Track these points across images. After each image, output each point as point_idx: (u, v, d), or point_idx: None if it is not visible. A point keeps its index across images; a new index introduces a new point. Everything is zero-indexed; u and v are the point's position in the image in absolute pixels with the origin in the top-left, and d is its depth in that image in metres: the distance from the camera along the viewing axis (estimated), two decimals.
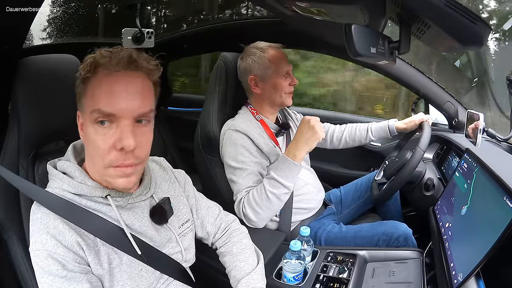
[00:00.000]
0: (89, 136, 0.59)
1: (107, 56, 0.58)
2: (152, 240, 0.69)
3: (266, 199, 1.01)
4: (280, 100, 1.15)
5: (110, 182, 0.62)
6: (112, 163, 0.59)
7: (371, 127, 1.32)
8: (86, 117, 0.60)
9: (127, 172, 0.60)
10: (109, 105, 0.57)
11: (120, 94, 0.58)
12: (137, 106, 0.59)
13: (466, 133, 1.11)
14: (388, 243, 1.03)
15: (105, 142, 0.58)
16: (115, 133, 0.58)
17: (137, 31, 1.31)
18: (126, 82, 0.58)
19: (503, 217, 0.59)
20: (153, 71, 0.62)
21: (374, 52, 0.59)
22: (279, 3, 0.76)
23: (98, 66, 0.58)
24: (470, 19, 0.51)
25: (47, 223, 0.59)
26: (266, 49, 1.12)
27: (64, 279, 0.57)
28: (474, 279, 0.62)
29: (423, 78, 1.36)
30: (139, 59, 0.60)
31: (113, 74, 0.58)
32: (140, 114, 0.59)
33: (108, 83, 0.58)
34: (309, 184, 1.20)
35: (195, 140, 1.21)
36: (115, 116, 0.58)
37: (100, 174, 0.63)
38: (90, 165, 0.65)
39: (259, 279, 0.75)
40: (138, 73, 0.60)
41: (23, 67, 0.73)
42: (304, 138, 1.00)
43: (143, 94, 0.60)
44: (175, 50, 1.79)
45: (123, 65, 0.58)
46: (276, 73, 1.11)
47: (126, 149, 0.58)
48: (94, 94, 0.58)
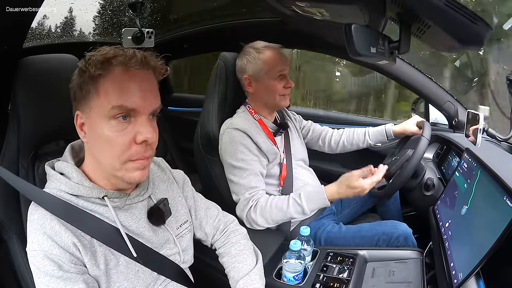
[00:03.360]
0: (103, 134, 0.59)
1: (121, 54, 0.59)
2: (150, 241, 0.69)
3: (282, 216, 1.04)
4: (273, 102, 1.15)
5: (124, 177, 0.62)
6: (132, 157, 0.60)
7: (368, 131, 1.34)
8: (97, 115, 0.60)
9: (144, 164, 0.62)
10: (130, 101, 0.59)
11: (138, 91, 0.59)
12: (153, 102, 0.62)
13: (466, 133, 1.11)
14: (388, 243, 1.03)
15: (124, 137, 0.59)
16: (133, 128, 0.60)
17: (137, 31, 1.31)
18: (140, 79, 0.60)
19: (503, 217, 0.59)
20: (161, 70, 0.64)
21: (374, 52, 0.59)
22: (279, 3, 0.76)
23: (111, 63, 0.59)
24: (470, 19, 0.51)
25: (44, 224, 0.59)
26: (262, 50, 1.12)
27: (60, 280, 0.57)
28: (474, 279, 0.62)
29: (423, 78, 1.36)
30: (150, 58, 0.62)
31: (130, 71, 0.59)
32: (154, 109, 0.62)
33: (125, 80, 0.59)
34: (308, 184, 1.20)
35: (195, 140, 1.21)
36: (135, 111, 0.59)
37: (111, 171, 0.62)
38: (92, 165, 0.65)
39: (257, 279, 0.75)
40: (149, 71, 0.62)
41: (23, 67, 0.73)
42: (351, 191, 1.02)
43: (155, 91, 0.63)
44: (175, 50, 1.79)
45: (140, 63, 0.60)
46: (268, 74, 1.11)
47: (148, 141, 0.60)
48: (109, 91, 0.58)
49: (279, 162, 1.16)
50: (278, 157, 1.15)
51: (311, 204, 1.03)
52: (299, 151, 1.27)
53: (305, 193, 1.05)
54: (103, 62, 0.58)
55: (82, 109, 0.62)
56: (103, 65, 0.58)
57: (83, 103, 0.61)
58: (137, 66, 0.60)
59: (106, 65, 0.58)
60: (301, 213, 1.04)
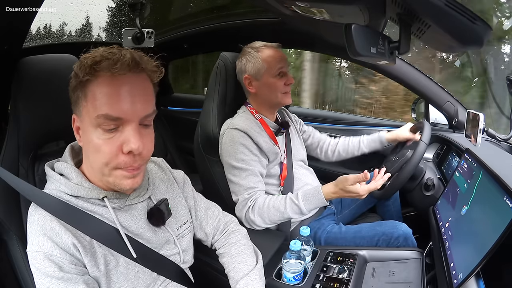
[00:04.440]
0: (92, 141, 0.58)
1: (109, 57, 0.56)
2: (149, 242, 0.69)
3: (279, 217, 1.04)
4: (276, 100, 1.15)
5: (114, 184, 0.61)
6: (119, 166, 0.59)
7: (363, 140, 1.35)
8: (87, 121, 0.58)
9: (135, 173, 0.61)
10: (115, 109, 0.56)
11: (125, 98, 0.56)
12: (142, 108, 0.58)
13: (466, 133, 1.11)
14: (388, 243, 1.03)
15: (111, 146, 0.57)
16: (120, 137, 0.58)
17: (137, 31, 1.31)
18: (130, 84, 0.57)
19: (503, 217, 0.59)
20: (155, 72, 0.62)
21: (374, 52, 0.59)
22: (279, 3, 0.76)
23: (99, 68, 0.56)
24: (470, 19, 0.51)
25: (44, 225, 0.59)
26: (260, 49, 1.12)
27: (61, 281, 0.57)
28: (474, 279, 0.62)
29: (423, 78, 1.36)
30: (141, 60, 0.59)
31: (117, 76, 0.56)
32: (145, 116, 0.59)
33: (112, 86, 0.56)
34: (308, 184, 1.20)
35: (195, 140, 1.21)
36: (122, 119, 0.57)
37: (102, 176, 0.61)
38: (88, 167, 0.65)
39: (257, 279, 0.75)
40: (140, 75, 0.59)
41: (23, 67, 0.73)
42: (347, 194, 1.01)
43: (146, 96, 0.60)
44: (175, 50, 1.79)
45: (126, 67, 0.56)
46: (268, 72, 1.11)
47: (134, 152, 0.57)
48: (96, 98, 0.56)
49: (280, 161, 1.16)
50: (278, 157, 1.15)
51: (308, 203, 1.03)
52: (299, 152, 1.27)
53: (302, 193, 1.05)
54: (90, 66, 0.56)
55: (77, 113, 0.61)
56: (91, 70, 0.56)
57: (76, 107, 0.60)
58: (124, 70, 0.56)
59: (93, 70, 0.56)
60: (299, 213, 1.04)
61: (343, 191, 1.01)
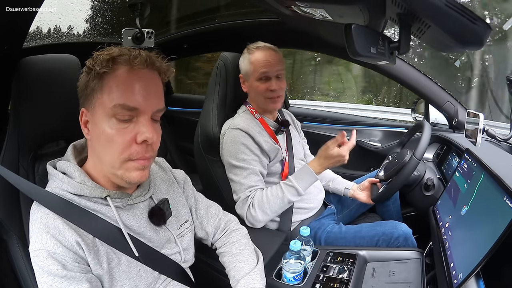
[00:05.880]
0: (104, 132, 0.60)
1: (127, 53, 0.60)
2: (151, 241, 0.69)
3: (280, 203, 1.06)
4: (262, 104, 1.14)
5: (123, 177, 0.62)
6: (132, 156, 0.60)
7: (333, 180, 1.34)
8: (100, 113, 0.60)
9: (145, 165, 0.62)
10: (132, 100, 0.59)
11: (141, 91, 0.60)
12: (156, 102, 0.62)
13: (466, 133, 1.11)
14: (388, 243, 1.03)
15: (124, 136, 0.59)
16: (134, 127, 0.60)
17: (137, 31, 1.31)
18: (146, 79, 0.61)
19: (503, 217, 0.59)
20: (167, 71, 0.65)
21: (374, 52, 0.59)
22: (279, 3, 0.76)
23: (117, 62, 0.59)
24: (470, 19, 0.51)
25: (47, 223, 0.59)
26: (252, 50, 1.12)
27: (64, 279, 0.57)
28: (474, 279, 0.62)
29: (423, 78, 1.37)
30: (155, 59, 0.63)
31: (135, 70, 0.60)
32: (157, 110, 0.62)
33: (130, 78, 0.59)
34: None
35: (195, 140, 1.21)
36: (138, 110, 0.60)
37: (111, 169, 0.62)
38: (94, 164, 0.65)
39: (258, 279, 0.75)
40: (154, 72, 0.63)
41: (23, 67, 0.73)
42: (331, 161, 1.06)
43: (159, 92, 0.63)
44: (175, 50, 1.79)
45: (144, 63, 0.60)
46: (253, 75, 1.12)
47: (148, 141, 0.60)
48: (112, 90, 0.59)
49: (281, 159, 1.16)
50: (279, 155, 1.15)
51: (301, 182, 1.06)
52: (299, 151, 1.27)
53: (293, 175, 1.08)
54: (108, 60, 0.59)
55: (87, 106, 0.62)
56: (109, 63, 0.59)
57: (88, 100, 0.62)
58: (142, 65, 0.60)
59: (111, 63, 0.59)
60: (296, 194, 1.06)
61: (327, 158, 1.05)
